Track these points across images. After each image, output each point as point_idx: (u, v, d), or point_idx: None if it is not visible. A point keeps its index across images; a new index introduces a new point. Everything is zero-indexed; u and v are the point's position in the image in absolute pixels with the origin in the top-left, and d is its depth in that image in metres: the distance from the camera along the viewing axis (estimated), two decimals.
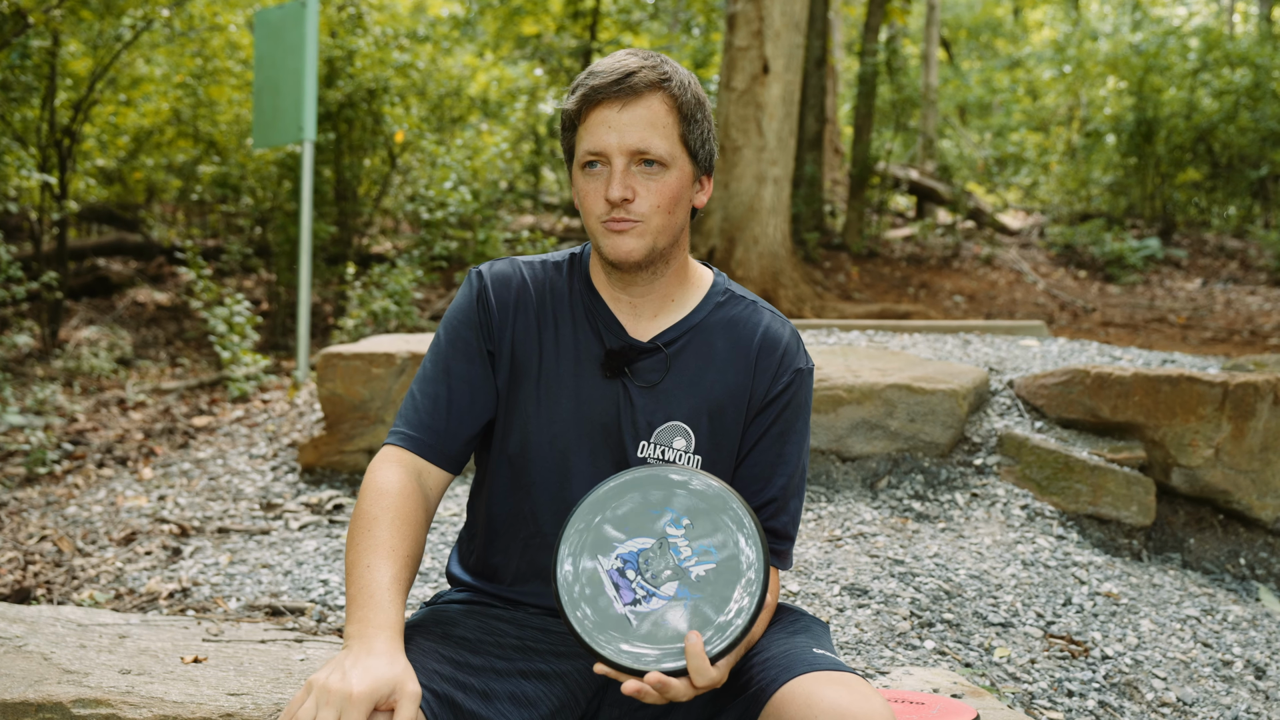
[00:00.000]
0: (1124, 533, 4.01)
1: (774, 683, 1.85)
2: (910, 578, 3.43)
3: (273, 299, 9.02)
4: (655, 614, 1.75)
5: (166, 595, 3.52)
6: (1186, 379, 4.09)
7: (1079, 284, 12.78)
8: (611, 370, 2.01)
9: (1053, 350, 5.13)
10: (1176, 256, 13.92)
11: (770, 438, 2.04)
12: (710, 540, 1.77)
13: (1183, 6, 25.35)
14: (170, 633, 2.99)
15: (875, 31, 12.78)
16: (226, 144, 9.08)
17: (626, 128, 1.89)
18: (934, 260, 13.06)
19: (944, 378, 4.23)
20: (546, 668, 2.02)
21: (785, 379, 2.04)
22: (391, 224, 10.82)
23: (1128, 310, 11.32)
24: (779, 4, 10.57)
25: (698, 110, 1.95)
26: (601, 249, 1.95)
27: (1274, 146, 14.67)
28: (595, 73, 1.91)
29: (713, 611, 1.75)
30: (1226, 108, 14.69)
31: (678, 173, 1.94)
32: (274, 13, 6.98)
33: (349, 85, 8.55)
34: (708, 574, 1.76)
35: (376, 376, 4.53)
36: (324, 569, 3.64)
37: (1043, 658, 3.14)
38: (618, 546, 1.78)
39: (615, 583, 1.76)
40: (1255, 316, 11.04)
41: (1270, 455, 4.12)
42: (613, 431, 2.00)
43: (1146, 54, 15.19)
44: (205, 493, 4.53)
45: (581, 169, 1.93)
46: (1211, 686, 3.18)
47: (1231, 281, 13.10)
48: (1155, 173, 14.73)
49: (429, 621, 2.02)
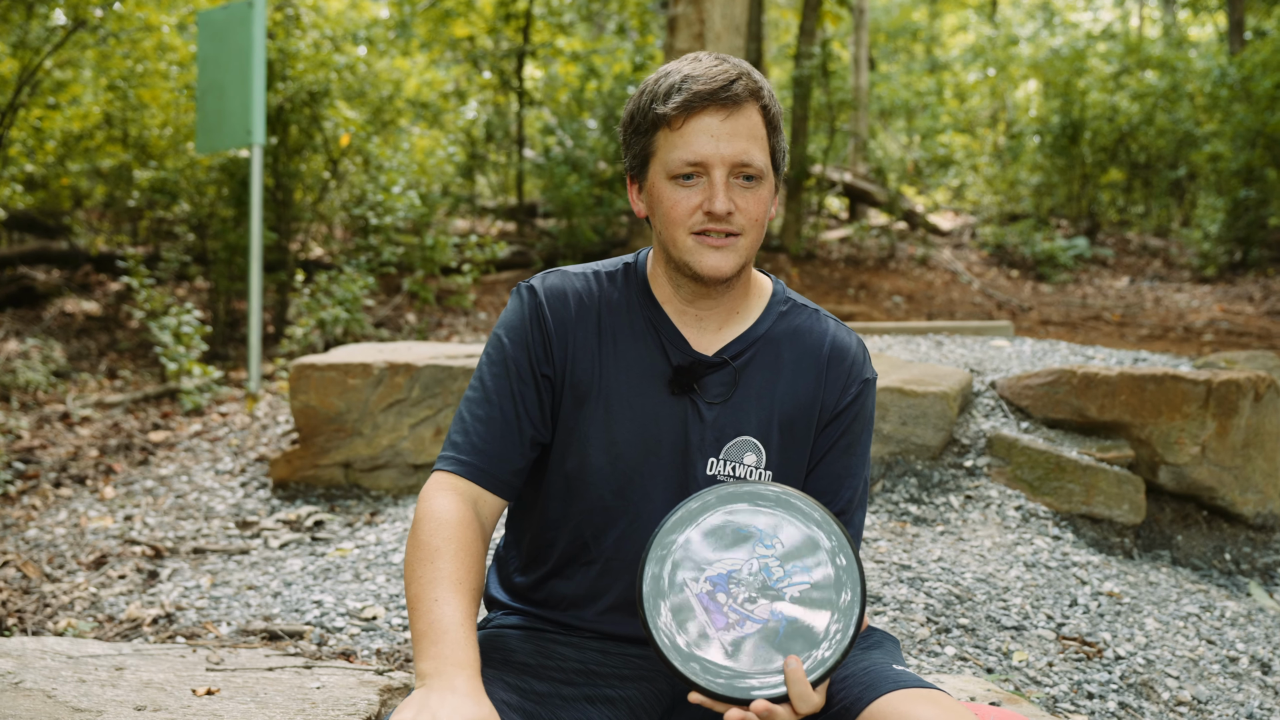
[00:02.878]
0: (1116, 531, 4.04)
1: (859, 701, 1.79)
2: (919, 583, 3.40)
3: (211, 308, 8.76)
4: (750, 639, 1.68)
5: (150, 621, 3.36)
6: (1171, 378, 4.14)
7: (1012, 283, 12.99)
8: (680, 387, 1.93)
9: (1025, 351, 5.17)
10: (1104, 255, 14.23)
11: (838, 450, 1.99)
12: (803, 560, 1.71)
13: (1089, 11, 25.99)
14: (168, 662, 2.84)
15: (811, 35, 12.85)
16: (159, 149, 8.80)
17: (730, 139, 1.81)
18: (871, 261, 13.17)
19: (933, 380, 4.22)
20: (612, 692, 1.95)
21: (854, 390, 1.99)
22: (327, 230, 10.59)
23: (1063, 308, 11.53)
24: (719, 7, 10.58)
25: (780, 121, 1.89)
26: (691, 263, 1.86)
27: (1190, 148, 15.09)
28: (692, 77, 1.82)
29: (810, 634, 1.68)
30: (1145, 110, 15.07)
31: (768, 185, 1.88)
32: (218, 14, 6.78)
33: (290, 88, 8.34)
34: (802, 595, 1.69)
35: (353, 388, 4.39)
36: (315, 589, 3.50)
37: (1059, 660, 3.14)
38: (706, 569, 1.70)
39: (706, 606, 1.69)
40: (1185, 313, 11.31)
41: (1251, 452, 4.19)
42: (680, 450, 1.93)
43: (1071, 57, 15.51)
44: (174, 511, 4.35)
45: (671, 179, 1.84)
46: (1222, 684, 3.21)
47: (1157, 279, 13.43)
48: (1080, 173, 15.04)
49: (486, 648, 1.93)
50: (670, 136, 1.83)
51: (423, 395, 4.40)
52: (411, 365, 4.40)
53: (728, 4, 10.61)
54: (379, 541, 3.85)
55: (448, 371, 4.41)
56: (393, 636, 3.15)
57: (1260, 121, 13.11)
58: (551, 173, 11.63)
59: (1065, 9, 23.71)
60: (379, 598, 3.39)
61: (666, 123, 1.83)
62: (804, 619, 1.68)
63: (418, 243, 8.65)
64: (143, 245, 10.11)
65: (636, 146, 1.90)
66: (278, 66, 8.29)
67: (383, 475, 4.42)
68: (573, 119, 12.82)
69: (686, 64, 1.86)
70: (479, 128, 13.32)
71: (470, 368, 4.42)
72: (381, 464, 4.41)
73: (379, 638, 3.14)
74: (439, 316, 9.52)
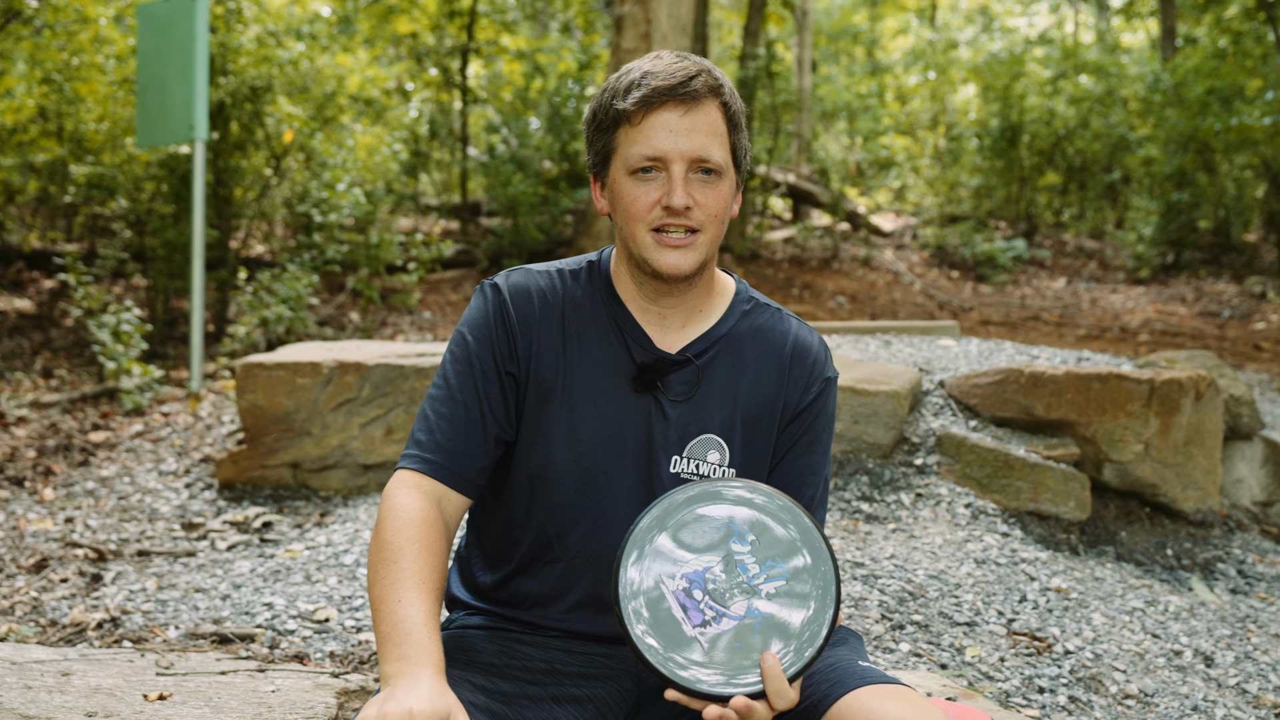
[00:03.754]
0: (1062, 528, 4.11)
1: (827, 697, 1.80)
2: (873, 580, 3.43)
3: (149, 306, 8.60)
4: (726, 635, 1.68)
5: (95, 625, 3.28)
6: (1116, 376, 4.21)
7: (953, 284, 13.15)
8: (643, 385, 1.94)
9: (972, 350, 5.23)
10: (1041, 257, 14.47)
11: (800, 447, 2.01)
12: (778, 555, 1.71)
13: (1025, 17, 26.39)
14: (117, 667, 2.78)
15: (755, 36, 12.93)
16: (96, 143, 8.62)
17: (688, 134, 1.82)
18: (815, 261, 13.27)
19: (884, 379, 4.26)
20: (578, 691, 1.95)
21: (816, 388, 2.01)
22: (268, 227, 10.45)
23: (1003, 309, 11.70)
24: (666, 7, 10.60)
25: (742, 119, 1.91)
26: (650, 260, 1.87)
27: (1124, 152, 15.39)
28: (651, 73, 1.83)
29: (786, 630, 1.69)
30: (1081, 114, 15.34)
31: (729, 182, 1.89)
32: (159, 7, 6.65)
33: (232, 83, 8.21)
34: (778, 591, 1.70)
35: (301, 387, 4.33)
36: (265, 591, 3.45)
37: (1010, 655, 3.18)
38: (682, 566, 1.70)
39: (682, 604, 1.69)
40: (1121, 314, 11.53)
41: (1192, 449, 4.28)
42: (644, 447, 1.93)
43: (1009, 61, 15.74)
44: (117, 513, 4.26)
45: (631, 174, 1.85)
46: (1168, 677, 3.27)
47: (1093, 280, 13.67)
48: (1019, 176, 15.27)
49: (452, 649, 1.91)
50: (630, 132, 1.84)
51: (373, 394, 4.36)
52: (362, 364, 4.35)
53: (674, 4, 10.63)
54: (330, 543, 3.80)
55: (399, 370, 4.37)
56: (346, 639, 3.11)
57: (1192, 126, 13.40)
58: (497, 171, 11.58)
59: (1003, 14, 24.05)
60: (331, 599, 3.35)
61: (627, 119, 1.84)
62: (780, 615, 1.68)
63: (362, 241, 8.56)
64: (78, 242, 9.90)
65: (599, 143, 1.91)
66: (219, 61, 8.16)
67: (332, 476, 4.36)
68: (517, 117, 12.76)
69: (648, 61, 1.88)
70: (423, 125, 13.21)
71: (421, 367, 4.38)
72: (331, 464, 4.36)
73: (332, 640, 3.10)
74: (383, 315, 9.43)
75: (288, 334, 7.80)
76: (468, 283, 11.24)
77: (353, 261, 8.80)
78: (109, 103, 8.41)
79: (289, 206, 9.20)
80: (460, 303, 10.42)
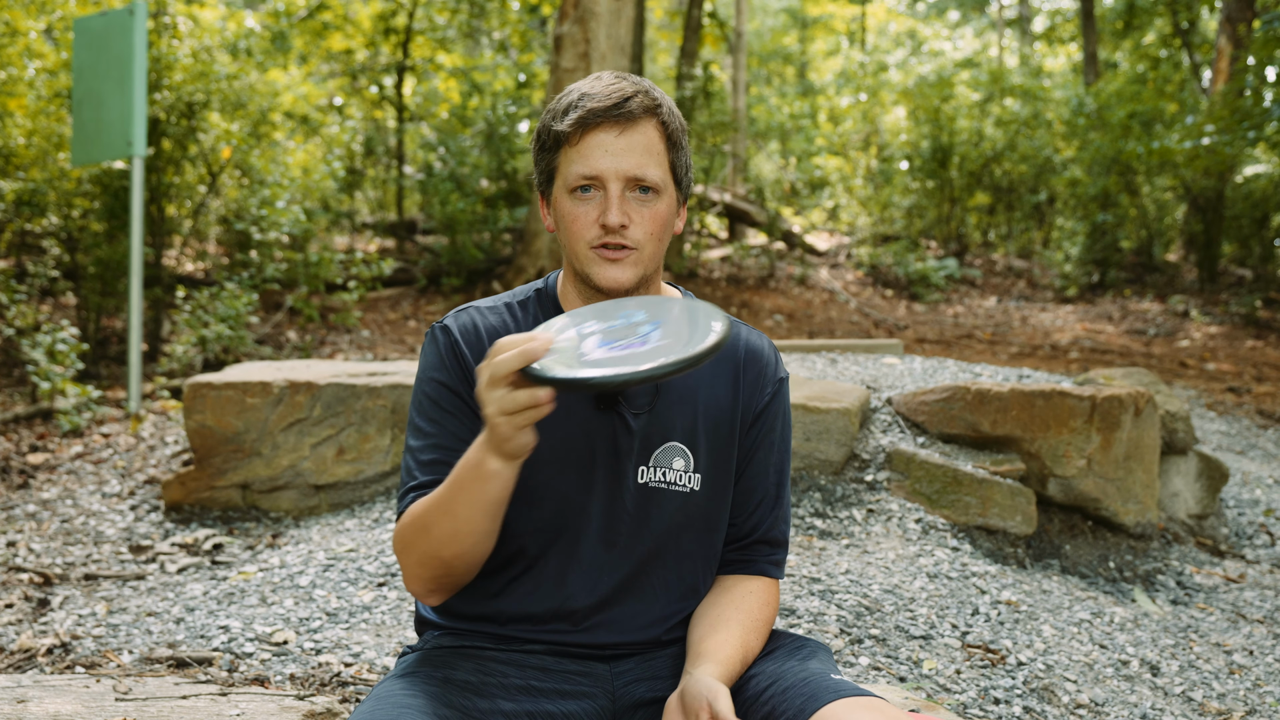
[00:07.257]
0: (1009, 542, 4.19)
1: (802, 712, 1.83)
2: (830, 595, 3.48)
3: (81, 325, 8.43)
4: (624, 347, 1.71)
5: (45, 651, 3.21)
6: (1059, 393, 4.32)
7: (887, 302, 13.35)
8: (605, 402, 1.97)
9: (916, 368, 5.32)
10: (972, 276, 14.74)
11: (763, 449, 2.08)
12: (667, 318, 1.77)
13: (950, 42, 26.94)
14: (73, 693, 2.73)
15: (692, 57, 13.04)
16: (25, 159, 8.43)
17: (624, 153, 1.87)
18: (752, 280, 13.39)
19: (834, 396, 4.32)
20: (554, 708, 1.96)
21: (770, 390, 2.08)
22: (201, 245, 10.29)
23: (936, 327, 11.89)
24: (605, 27, 10.66)
25: (682, 137, 1.97)
26: (591, 276, 1.92)
27: (1050, 173, 15.76)
28: (589, 95, 1.89)
29: (678, 340, 1.70)
30: (1009, 136, 15.69)
31: (668, 199, 1.95)
32: (96, 20, 6.55)
33: (167, 98, 8.10)
34: (665, 330, 1.73)
35: (251, 407, 4.28)
36: (220, 614, 3.40)
37: (965, 667, 3.24)
38: (588, 337, 1.75)
39: (583, 340, 1.75)
40: (1051, 332, 11.79)
41: (1132, 464, 4.39)
42: (610, 461, 1.98)
43: (938, 84, 16.05)
44: (60, 536, 4.17)
45: (570, 193, 1.91)
46: (1117, 686, 3.35)
47: (1023, 299, 13.96)
48: (949, 196, 15.56)
49: (424, 668, 1.92)
50: (569, 152, 1.90)
51: (324, 414, 4.32)
52: (313, 384, 4.32)
53: (613, 25, 10.70)
54: (284, 564, 3.76)
55: (351, 390, 4.33)
56: (306, 660, 3.08)
57: (1115, 149, 13.77)
58: (435, 189, 11.53)
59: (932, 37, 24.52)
60: (288, 621, 3.31)
61: (566, 139, 1.89)
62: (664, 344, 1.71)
63: (301, 259, 8.47)
64: (5, 259, 9.67)
65: (543, 163, 1.96)
66: (153, 76, 8.04)
67: (283, 496, 4.31)
68: (454, 135, 12.73)
69: (587, 83, 1.94)
70: (358, 143, 13.12)
71: (374, 386, 4.35)
72: (282, 485, 4.31)
73: (291, 662, 3.07)
74: (322, 334, 9.33)
75: (225, 353, 7.69)
76: (405, 301, 11.17)
77: (291, 280, 8.69)
78: (40, 117, 8.24)
79: (225, 223, 9.08)
80: (398, 321, 10.35)
